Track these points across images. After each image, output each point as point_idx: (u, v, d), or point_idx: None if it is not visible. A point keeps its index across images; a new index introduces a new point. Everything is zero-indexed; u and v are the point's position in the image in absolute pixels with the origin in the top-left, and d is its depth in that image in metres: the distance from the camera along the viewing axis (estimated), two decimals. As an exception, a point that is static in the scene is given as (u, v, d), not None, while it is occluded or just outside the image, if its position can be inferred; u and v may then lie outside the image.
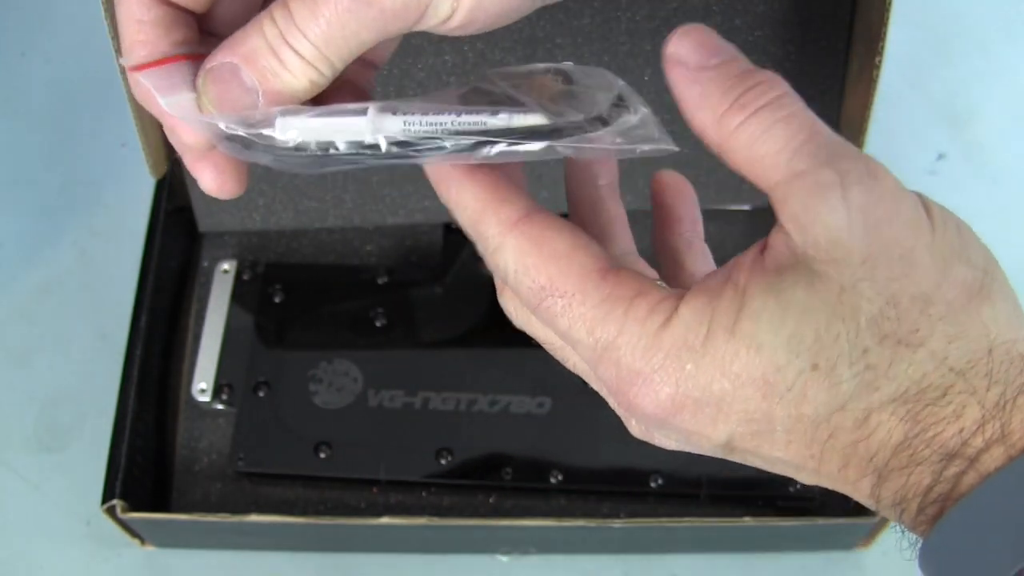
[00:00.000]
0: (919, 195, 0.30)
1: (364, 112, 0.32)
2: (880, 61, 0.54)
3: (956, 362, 0.28)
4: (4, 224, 0.68)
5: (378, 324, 0.61)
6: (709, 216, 0.38)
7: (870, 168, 0.29)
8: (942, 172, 0.69)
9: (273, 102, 0.31)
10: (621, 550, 0.58)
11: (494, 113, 0.31)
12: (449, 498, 0.58)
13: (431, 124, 0.31)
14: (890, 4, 0.51)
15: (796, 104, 0.30)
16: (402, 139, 0.32)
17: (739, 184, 0.63)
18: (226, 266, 0.63)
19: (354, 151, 0.32)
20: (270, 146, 0.32)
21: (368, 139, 0.32)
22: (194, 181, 0.67)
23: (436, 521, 0.53)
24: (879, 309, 0.28)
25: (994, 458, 0.27)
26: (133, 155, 0.60)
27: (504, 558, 0.58)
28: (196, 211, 0.64)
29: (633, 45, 0.58)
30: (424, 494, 0.58)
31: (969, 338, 0.28)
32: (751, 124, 0.29)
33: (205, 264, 0.64)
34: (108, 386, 0.58)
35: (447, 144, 0.31)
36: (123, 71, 0.54)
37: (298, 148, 0.32)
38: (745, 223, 0.64)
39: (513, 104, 0.32)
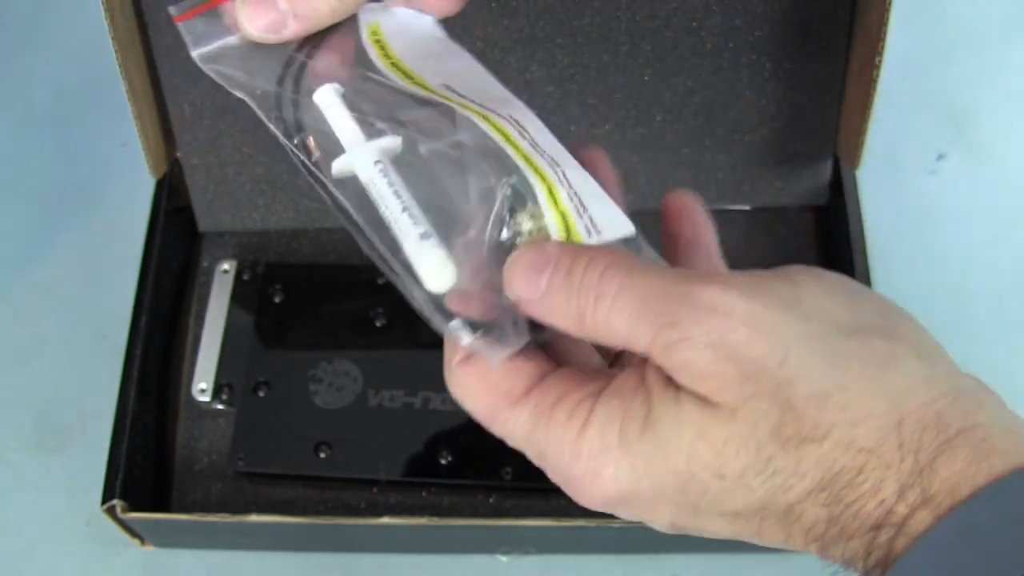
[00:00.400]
0: (791, 281, 0.30)
1: (376, 135, 0.34)
2: (880, 61, 0.54)
3: (865, 442, 0.28)
4: (4, 224, 0.68)
5: (378, 324, 0.61)
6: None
7: (706, 302, 0.29)
8: (942, 172, 0.69)
9: (301, 24, 0.36)
10: (621, 550, 0.58)
11: (424, 236, 0.33)
12: (449, 498, 0.58)
13: (378, 193, 0.34)
14: (890, 4, 0.51)
15: (620, 270, 0.31)
16: (352, 176, 0.34)
17: (739, 184, 0.63)
18: (226, 266, 0.63)
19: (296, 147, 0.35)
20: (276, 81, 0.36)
21: (343, 159, 0.34)
22: (194, 181, 0.67)
23: (436, 521, 0.53)
24: (777, 419, 0.29)
25: (920, 521, 0.28)
26: (133, 155, 0.60)
27: (504, 558, 0.58)
28: (196, 211, 0.64)
29: (633, 45, 0.58)
30: (424, 494, 0.58)
31: (875, 416, 0.28)
32: (599, 313, 0.31)
33: (205, 264, 0.64)
34: (108, 386, 0.58)
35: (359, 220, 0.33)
36: (122, 70, 0.54)
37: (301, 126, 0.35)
38: (745, 223, 0.64)
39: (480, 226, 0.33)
